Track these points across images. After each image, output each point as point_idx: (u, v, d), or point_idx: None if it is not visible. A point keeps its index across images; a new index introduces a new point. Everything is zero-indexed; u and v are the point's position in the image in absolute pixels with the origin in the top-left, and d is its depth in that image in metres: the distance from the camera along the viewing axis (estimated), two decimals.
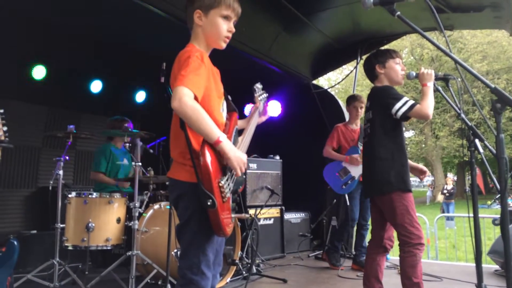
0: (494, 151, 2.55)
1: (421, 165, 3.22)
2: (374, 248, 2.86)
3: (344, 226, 4.80)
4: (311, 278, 4.32)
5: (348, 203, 4.64)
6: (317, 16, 4.99)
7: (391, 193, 2.68)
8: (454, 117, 23.81)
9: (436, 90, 2.84)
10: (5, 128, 2.42)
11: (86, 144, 5.85)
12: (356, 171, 4.59)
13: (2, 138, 2.42)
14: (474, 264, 2.48)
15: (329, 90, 6.68)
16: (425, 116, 2.67)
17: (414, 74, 2.83)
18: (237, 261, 3.89)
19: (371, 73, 2.99)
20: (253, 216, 4.60)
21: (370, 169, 2.87)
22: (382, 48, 3.74)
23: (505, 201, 1.84)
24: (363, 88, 22.44)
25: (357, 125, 4.90)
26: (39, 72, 5.00)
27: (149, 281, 3.50)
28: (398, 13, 2.10)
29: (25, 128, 5.24)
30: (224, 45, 2.02)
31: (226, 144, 1.77)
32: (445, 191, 16.04)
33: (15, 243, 2.44)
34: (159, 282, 3.60)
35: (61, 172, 3.64)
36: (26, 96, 5.17)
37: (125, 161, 4.65)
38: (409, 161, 3.08)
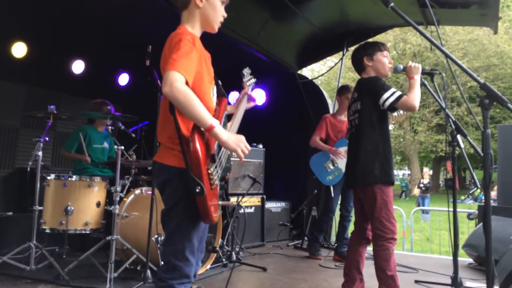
0: (476, 146, 2.60)
1: None
2: (356, 239, 2.89)
3: (324, 217, 4.84)
4: (290, 267, 4.36)
5: (332, 195, 4.66)
6: (306, 5, 4.95)
7: (374, 185, 2.71)
8: (433, 112, 24.21)
9: (422, 84, 2.86)
10: None
11: (66, 125, 5.72)
12: (344, 164, 4.61)
13: None
14: (448, 257, 2.53)
15: (313, 80, 6.69)
16: (412, 107, 2.68)
17: (402, 67, 2.84)
18: (217, 249, 3.89)
19: (358, 65, 3.00)
20: (239, 203, 4.57)
21: (355, 160, 2.88)
22: (370, 40, 3.75)
23: (489, 195, 1.86)
24: (346, 80, 22.52)
25: (345, 117, 4.89)
26: (19, 49, 4.83)
27: (128, 266, 3.47)
28: (392, 4, 2.08)
29: (2, 107, 5.09)
30: (217, 29, 2.03)
31: (219, 130, 1.75)
32: (421, 185, 16.38)
33: None
34: (138, 268, 3.57)
35: (40, 153, 3.55)
36: (5, 74, 5.00)
37: (105, 144, 4.57)
38: None
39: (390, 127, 4.55)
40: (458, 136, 2.68)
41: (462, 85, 20.74)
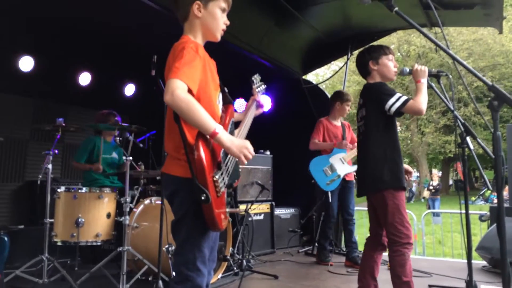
0: (487, 149, 2.58)
1: (407, 165, 3.20)
2: (372, 245, 2.85)
3: (326, 223, 4.81)
4: (301, 274, 4.33)
5: (330, 200, 4.65)
6: (309, 10, 4.97)
7: (384, 191, 2.68)
8: (440, 113, 24.08)
9: (429, 86, 2.85)
10: None
11: (74, 137, 5.75)
12: (342, 169, 4.61)
13: None
14: (461, 260, 2.51)
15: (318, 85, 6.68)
16: (419, 111, 2.66)
17: (408, 70, 2.83)
18: (228, 257, 3.88)
19: (364, 69, 2.97)
20: (246, 211, 4.56)
21: (364, 166, 2.87)
22: (375, 44, 3.74)
23: (502, 198, 1.84)
24: (351, 84, 22.55)
25: (338, 122, 4.90)
26: (26, 63, 4.88)
27: (139, 277, 3.47)
28: (396, 8, 2.08)
29: (12, 121, 5.13)
30: (219, 37, 2.03)
31: (223, 135, 1.73)
32: (431, 187, 16.25)
33: (6, 239, 2.40)
34: (150, 278, 3.57)
35: (50, 166, 3.57)
36: (13, 87, 5.06)
37: (114, 155, 4.60)
38: None
39: (397, 129, 4.52)
40: (468, 138, 2.66)
41: (468, 85, 20.62)
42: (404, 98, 2.66)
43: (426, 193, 17.53)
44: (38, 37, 4.72)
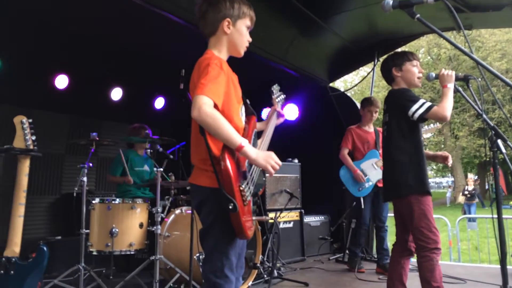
0: None
1: (440, 152, 3.17)
2: (399, 251, 2.84)
3: (358, 230, 4.78)
4: (332, 281, 4.32)
5: (363, 206, 4.62)
6: (333, 19, 4.99)
7: (409, 196, 2.67)
8: (474, 116, 23.43)
9: (456, 91, 2.82)
10: (34, 137, 2.49)
11: (107, 150, 5.96)
12: (374, 175, 4.58)
13: (31, 147, 2.50)
14: (498, 266, 2.45)
15: (346, 92, 6.67)
16: (443, 118, 2.64)
17: (434, 75, 2.81)
18: (258, 265, 3.91)
19: (388, 76, 2.98)
20: (273, 219, 4.61)
21: (388, 171, 2.87)
22: (399, 50, 3.71)
23: None
24: (380, 89, 22.27)
25: (370, 128, 4.87)
26: (61, 81, 5.11)
27: (172, 285, 3.55)
28: (418, 15, 2.11)
29: (48, 136, 5.36)
30: (243, 53, 2.11)
31: (249, 149, 1.79)
32: (466, 192, 15.81)
33: (45, 249, 2.53)
34: (182, 286, 3.65)
35: (85, 178, 3.71)
36: (50, 105, 5.31)
37: (146, 167, 4.73)
38: (428, 151, 3.04)
39: (429, 134, 4.45)
40: (499, 141, 2.62)
41: (502, 87, 20.03)
42: (428, 104, 2.65)
43: (461, 198, 17.06)
44: (72, 56, 4.94)
